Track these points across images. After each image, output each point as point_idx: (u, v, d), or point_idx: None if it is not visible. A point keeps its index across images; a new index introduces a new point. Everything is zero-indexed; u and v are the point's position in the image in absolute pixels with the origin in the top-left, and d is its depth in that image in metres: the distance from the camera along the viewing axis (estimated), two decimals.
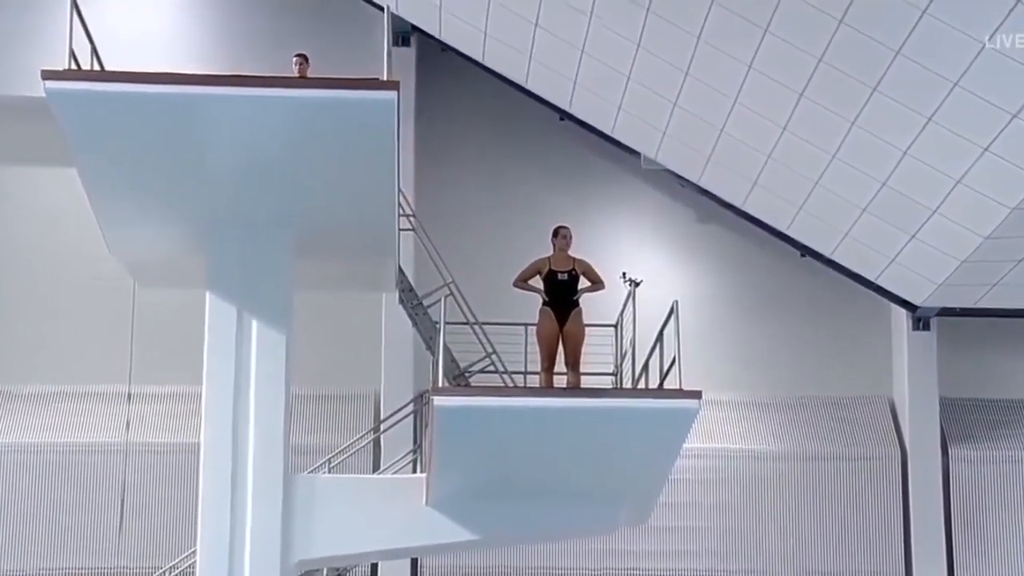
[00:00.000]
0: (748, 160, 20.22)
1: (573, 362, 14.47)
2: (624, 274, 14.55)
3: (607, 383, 15.62)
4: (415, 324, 18.14)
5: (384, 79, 12.84)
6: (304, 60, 14.99)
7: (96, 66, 13.26)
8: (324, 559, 14.47)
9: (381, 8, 13.20)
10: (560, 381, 14.52)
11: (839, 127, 18.56)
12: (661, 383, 13.65)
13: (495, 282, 17.77)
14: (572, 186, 23.02)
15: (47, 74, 12.32)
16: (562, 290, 14.49)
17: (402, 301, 17.93)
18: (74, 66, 12.58)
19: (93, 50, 13.23)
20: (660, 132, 20.84)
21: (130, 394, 19.85)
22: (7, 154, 22.65)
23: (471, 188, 23.06)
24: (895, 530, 21.88)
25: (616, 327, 15.72)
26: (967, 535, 21.94)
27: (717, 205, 21.95)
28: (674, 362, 13.44)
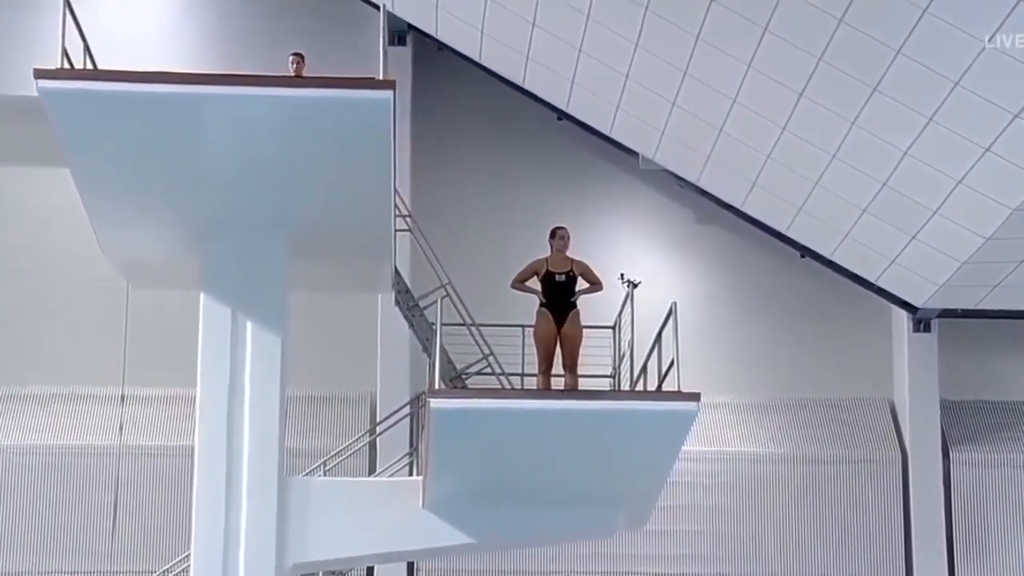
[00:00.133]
0: (747, 160, 20.22)
1: (571, 364, 14.47)
2: (622, 275, 14.55)
3: (605, 385, 15.61)
4: (411, 325, 18.14)
5: (380, 78, 12.84)
6: (300, 59, 14.97)
7: (89, 65, 13.26)
8: (319, 563, 14.46)
9: (377, 7, 13.20)
10: (558, 383, 14.51)
11: (839, 127, 18.56)
12: (659, 385, 13.65)
13: (492, 283, 17.75)
14: (570, 187, 23.01)
15: (40, 73, 12.32)
16: (560, 291, 14.49)
17: (398, 302, 17.93)
18: (67, 65, 12.58)
19: (86, 49, 13.23)
20: (659, 132, 20.84)
21: (123, 396, 19.83)
22: None
23: (468, 188, 23.05)
24: (896, 534, 21.88)
25: (614, 328, 15.73)
26: (968, 539, 21.93)
27: (716, 206, 21.95)
28: (672, 364, 13.44)
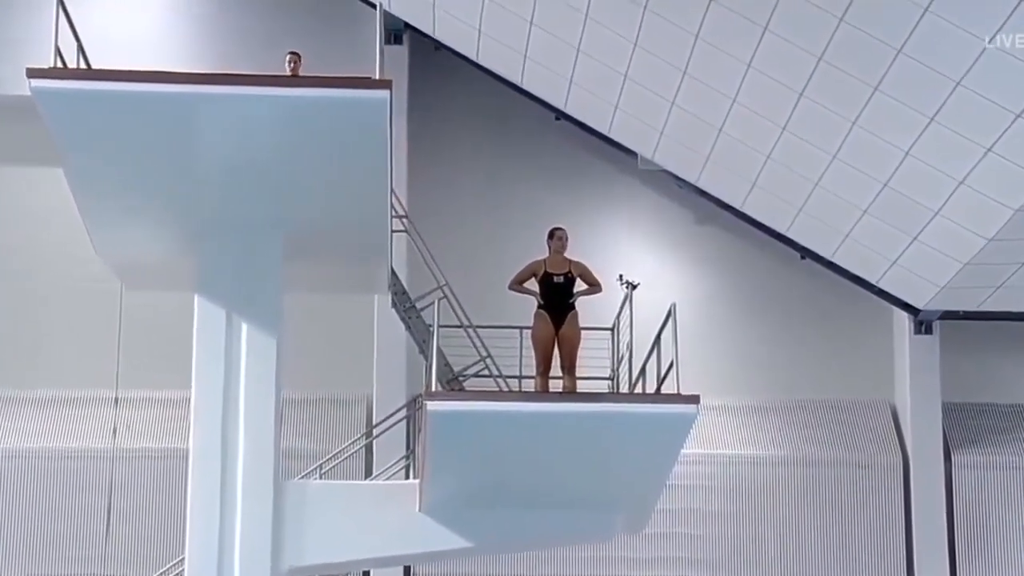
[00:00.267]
0: (747, 160, 20.23)
1: (569, 366, 14.47)
2: (621, 276, 14.55)
3: (603, 387, 15.62)
4: (408, 327, 18.14)
5: (376, 78, 12.83)
6: (297, 58, 14.96)
7: (83, 64, 13.25)
8: (315, 566, 14.45)
9: (373, 5, 13.18)
10: (556, 385, 14.52)
11: (840, 127, 18.57)
12: (658, 387, 13.64)
13: (490, 284, 17.78)
14: (568, 187, 23.02)
15: (33, 72, 12.30)
16: (558, 293, 14.49)
17: (395, 304, 17.93)
18: (60, 64, 12.57)
19: (80, 48, 13.22)
20: (658, 132, 20.85)
21: (117, 398, 19.83)
22: None
23: (465, 189, 23.05)
24: (897, 538, 21.87)
25: (613, 330, 15.74)
26: (970, 543, 21.93)
27: (715, 206, 21.96)
28: (672, 366, 13.43)
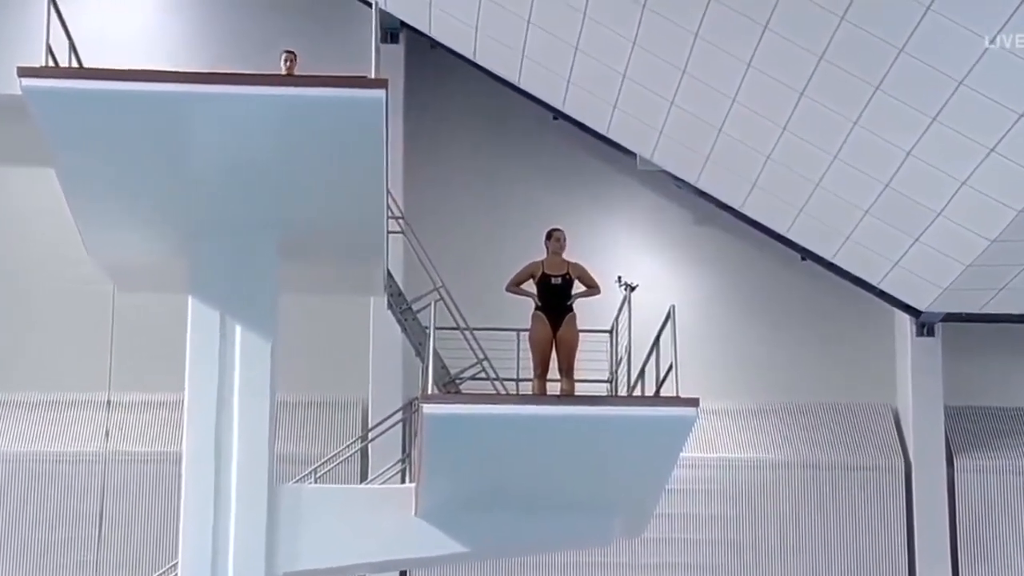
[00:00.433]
0: (747, 161, 20.23)
1: (567, 368, 14.47)
2: (619, 278, 14.55)
3: (602, 390, 15.61)
4: (404, 329, 18.12)
5: (372, 77, 12.83)
6: (292, 57, 14.96)
7: (74, 63, 13.25)
8: (310, 572, 14.44)
9: (369, 4, 13.20)
10: (553, 388, 14.51)
11: (841, 127, 18.58)
12: (657, 390, 13.64)
13: (487, 286, 17.77)
14: (566, 187, 23.02)
15: (24, 71, 12.30)
16: (556, 294, 14.49)
17: (391, 306, 17.91)
18: (52, 63, 12.57)
19: (71, 47, 13.21)
20: (657, 132, 20.85)
21: (109, 401, 19.85)
22: None
23: (462, 189, 23.05)
24: (898, 542, 21.88)
25: (611, 332, 15.74)
26: (973, 548, 21.94)
27: (715, 207, 21.96)
28: (671, 369, 13.44)
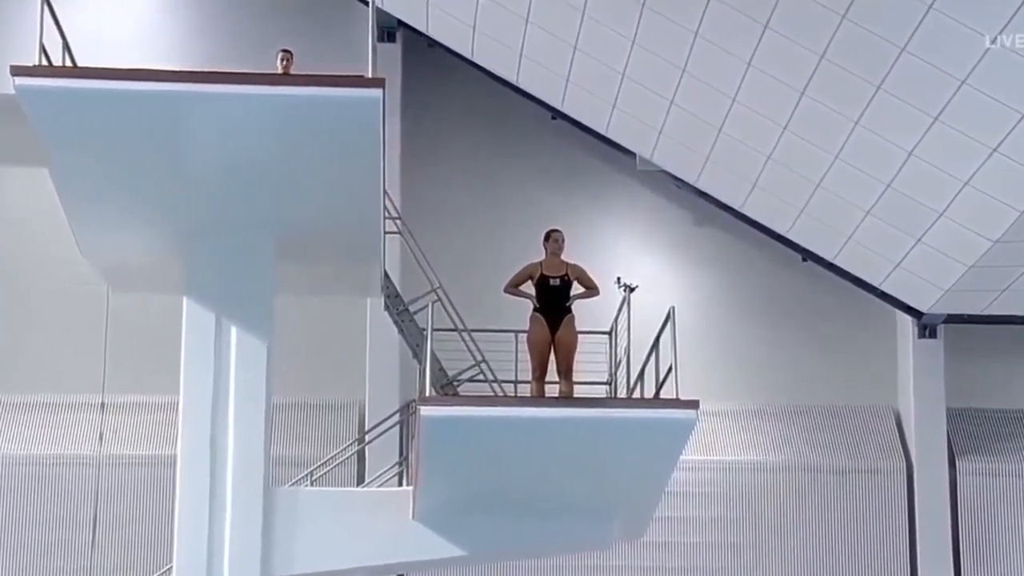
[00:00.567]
0: (747, 161, 20.24)
1: (566, 370, 14.46)
2: (619, 279, 14.56)
3: (601, 392, 15.60)
4: (401, 331, 18.13)
5: (369, 76, 12.83)
6: (289, 56, 14.95)
7: (68, 62, 13.24)
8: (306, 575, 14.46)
9: (366, 2, 13.20)
10: (552, 390, 14.51)
11: (842, 127, 18.58)
12: (657, 392, 13.64)
13: (484, 287, 17.77)
14: (565, 188, 23.03)
15: (17, 70, 12.28)
16: (554, 296, 14.48)
17: (387, 307, 17.92)
18: (45, 62, 12.57)
19: (65, 46, 13.21)
20: (656, 132, 20.86)
21: (103, 403, 19.82)
22: None
23: (460, 190, 23.06)
24: (900, 546, 21.89)
25: (610, 334, 15.73)
26: (975, 551, 21.95)
27: (715, 207, 21.97)
28: (670, 370, 13.43)
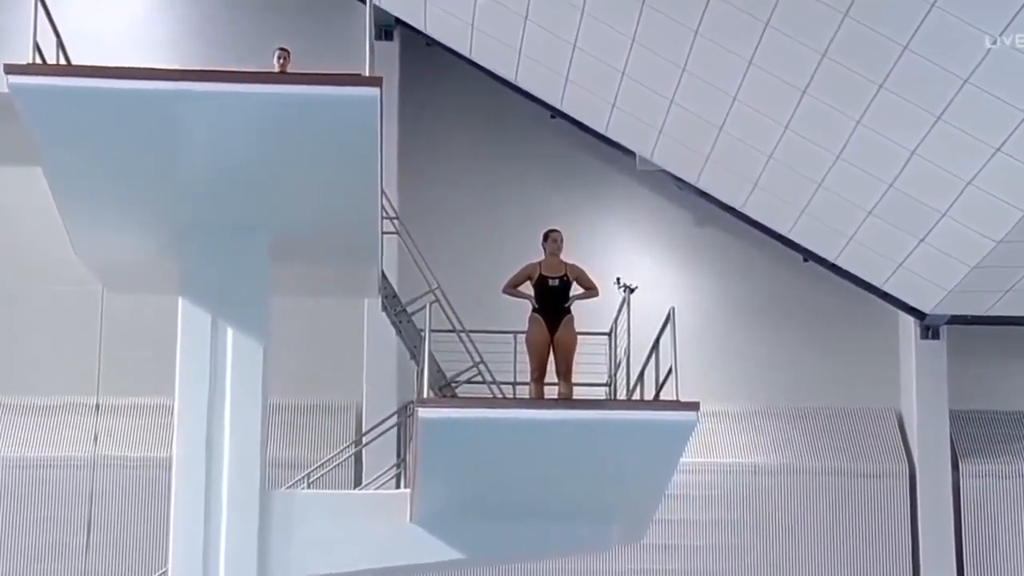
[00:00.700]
0: (748, 160, 20.24)
1: (565, 372, 14.47)
2: (618, 280, 14.57)
3: (600, 394, 15.61)
4: (399, 332, 18.12)
5: (366, 75, 12.84)
6: (285, 54, 14.95)
7: (62, 61, 13.25)
8: None
9: (363, 0, 13.22)
10: (551, 392, 14.51)
11: (844, 126, 18.58)
12: (657, 394, 13.65)
13: (483, 288, 17.77)
14: (564, 188, 23.02)
15: (10, 68, 12.30)
16: (553, 296, 14.49)
17: (385, 308, 17.91)
18: (39, 60, 12.57)
19: (59, 44, 13.21)
20: (656, 131, 20.86)
21: (98, 405, 19.82)
22: None
23: (458, 189, 23.05)
24: (903, 549, 21.89)
25: (610, 335, 15.74)
26: (978, 554, 21.95)
27: (716, 207, 21.97)
28: (671, 372, 13.44)
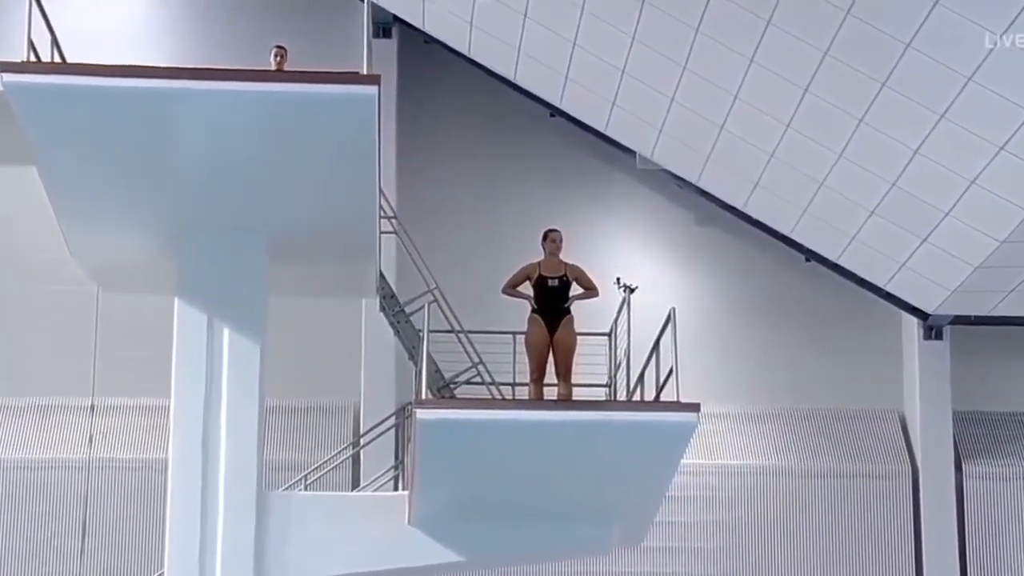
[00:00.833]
0: (749, 159, 20.24)
1: (564, 373, 14.48)
2: (618, 280, 14.57)
3: (600, 395, 15.61)
4: (397, 332, 18.11)
5: (364, 73, 12.84)
6: (283, 52, 14.94)
7: (57, 59, 13.25)
8: None
9: None
10: (551, 393, 14.52)
11: (846, 124, 18.59)
12: (657, 395, 13.66)
13: (482, 288, 17.78)
14: (563, 187, 23.02)
15: (4, 66, 12.30)
16: (553, 297, 14.50)
17: (383, 308, 17.90)
18: (33, 58, 12.57)
19: (54, 42, 13.22)
20: (656, 130, 20.86)
21: (93, 406, 19.79)
22: None
23: (456, 188, 23.05)
24: (906, 552, 21.89)
25: (610, 336, 15.74)
26: (982, 557, 21.95)
27: (717, 207, 21.97)
28: (671, 373, 13.44)
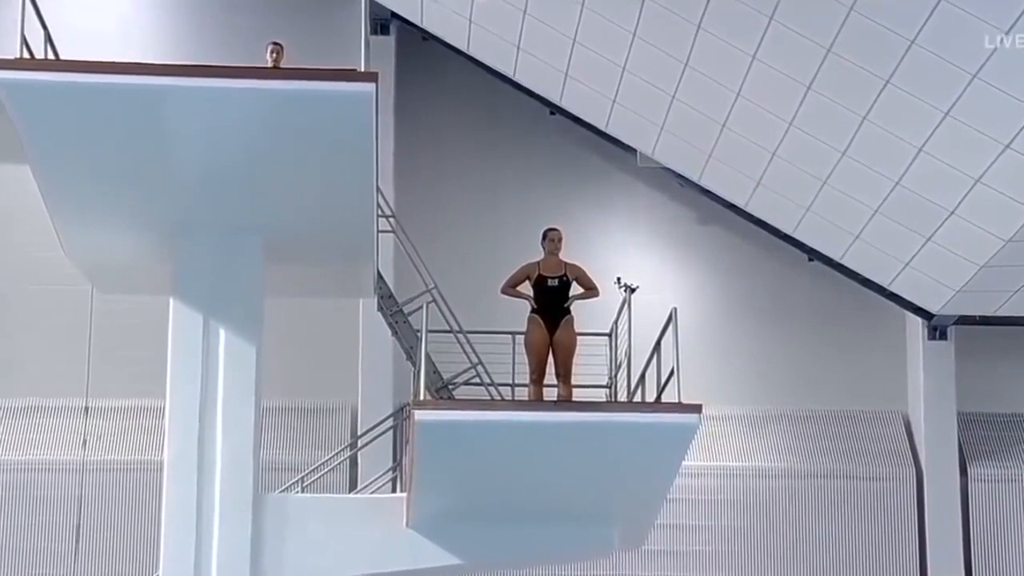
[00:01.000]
0: (752, 157, 20.25)
1: (564, 373, 14.49)
2: (619, 279, 14.58)
3: (601, 396, 15.63)
4: (395, 333, 18.13)
5: (361, 70, 12.85)
6: (279, 49, 14.95)
7: (51, 55, 13.25)
8: None
9: None
10: (550, 394, 14.53)
11: (849, 122, 18.59)
12: (658, 396, 13.66)
13: (481, 288, 17.77)
14: (563, 185, 23.03)
15: None
16: (552, 296, 14.51)
17: (381, 308, 17.93)
18: (27, 55, 12.57)
19: (48, 39, 13.22)
20: (657, 127, 20.86)
21: (87, 407, 19.80)
22: None
23: (455, 187, 23.05)
24: (910, 555, 21.88)
25: (610, 336, 15.75)
26: (987, 560, 21.95)
27: (719, 206, 21.97)
28: (672, 373, 13.45)
